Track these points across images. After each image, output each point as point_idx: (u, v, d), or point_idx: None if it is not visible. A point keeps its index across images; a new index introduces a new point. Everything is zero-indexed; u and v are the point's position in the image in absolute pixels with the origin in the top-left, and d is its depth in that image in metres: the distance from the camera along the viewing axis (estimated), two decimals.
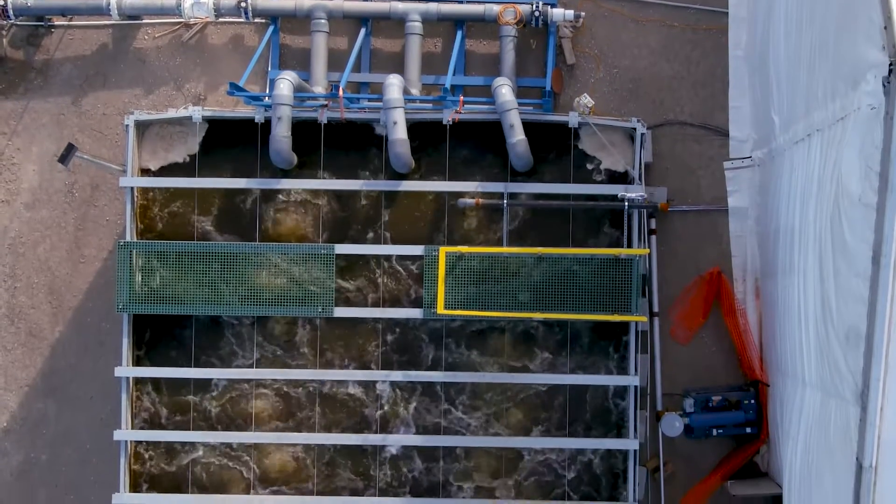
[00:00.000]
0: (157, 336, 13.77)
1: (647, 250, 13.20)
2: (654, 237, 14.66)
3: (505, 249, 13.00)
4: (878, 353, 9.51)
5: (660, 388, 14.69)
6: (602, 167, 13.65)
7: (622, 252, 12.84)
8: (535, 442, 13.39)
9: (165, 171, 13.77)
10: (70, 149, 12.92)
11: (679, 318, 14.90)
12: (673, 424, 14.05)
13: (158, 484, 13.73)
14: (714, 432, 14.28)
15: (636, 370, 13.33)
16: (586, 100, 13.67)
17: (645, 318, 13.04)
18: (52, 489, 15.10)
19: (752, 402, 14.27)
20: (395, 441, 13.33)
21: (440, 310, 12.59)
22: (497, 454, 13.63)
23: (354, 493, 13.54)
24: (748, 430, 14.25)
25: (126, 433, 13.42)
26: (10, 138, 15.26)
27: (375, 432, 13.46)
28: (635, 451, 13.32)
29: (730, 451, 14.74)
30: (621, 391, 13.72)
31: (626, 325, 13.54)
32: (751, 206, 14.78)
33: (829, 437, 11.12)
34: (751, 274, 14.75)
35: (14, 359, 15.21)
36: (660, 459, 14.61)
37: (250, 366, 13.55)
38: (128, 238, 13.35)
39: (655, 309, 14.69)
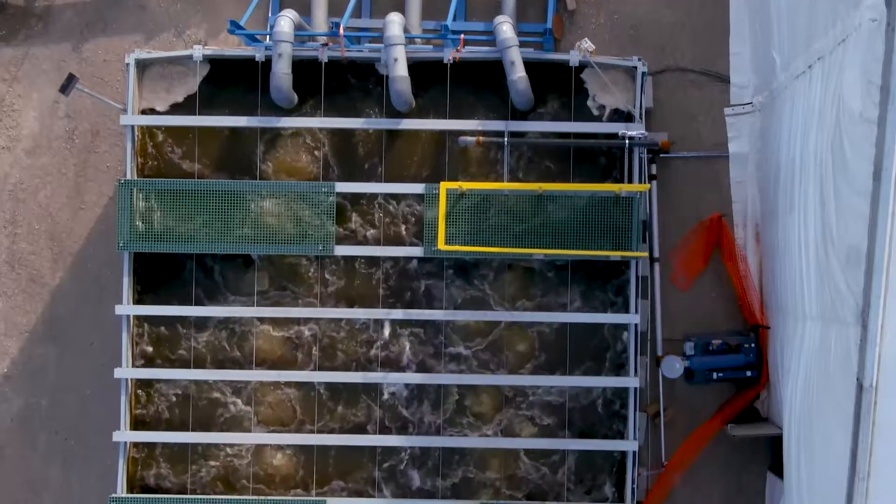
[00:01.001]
0: (158, 278, 13.75)
1: (647, 186, 13.18)
2: (654, 183, 14.69)
3: (505, 185, 12.98)
4: (878, 270, 9.52)
5: (660, 334, 14.69)
6: (602, 106, 13.64)
7: (622, 188, 12.82)
8: (535, 380, 13.39)
9: (166, 112, 13.75)
10: (71, 79, 12.93)
11: (679, 264, 14.89)
12: (673, 366, 14.06)
13: (158, 424, 13.70)
14: (714, 376, 14.29)
15: (636, 309, 13.31)
16: (587, 44, 13.64)
17: (645, 254, 13.03)
18: (52, 435, 15.10)
19: (753, 345, 14.27)
20: (395, 379, 13.33)
21: (441, 245, 12.58)
22: (495, 392, 13.62)
23: (353, 431, 13.53)
24: (748, 373, 14.25)
25: (126, 371, 13.41)
26: (10, 85, 15.25)
27: (375, 371, 13.48)
28: (636, 388, 13.31)
29: (730, 397, 14.75)
30: (622, 333, 13.68)
31: (626, 267, 13.52)
32: (751, 152, 14.79)
33: (829, 366, 11.14)
34: (751, 219, 14.77)
35: (14, 305, 15.21)
36: (660, 405, 14.62)
37: (250, 305, 13.54)
38: (128, 176, 13.32)
39: (656, 255, 14.70)
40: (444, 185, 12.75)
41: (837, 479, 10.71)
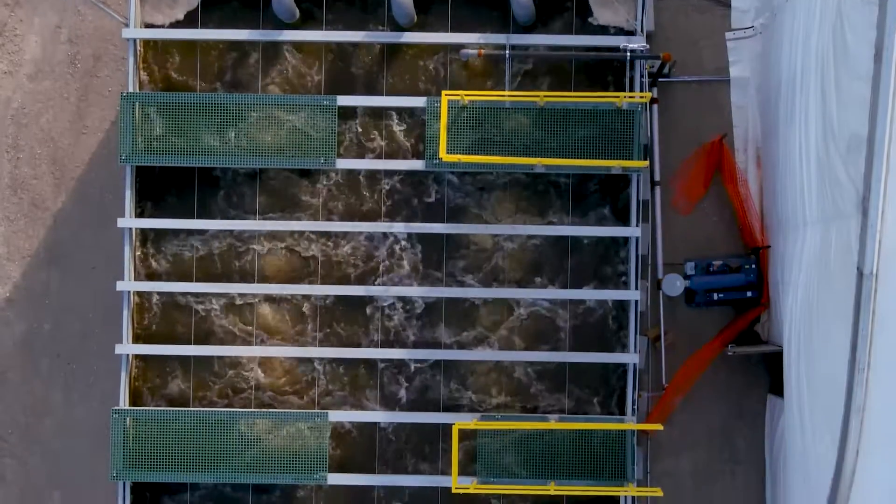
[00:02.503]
0: (160, 194, 13.77)
1: (649, 95, 13.19)
2: (655, 107, 14.71)
3: (506, 95, 13.00)
4: (879, 153, 9.54)
5: (661, 258, 14.71)
6: (604, 27, 13.65)
7: (623, 98, 12.83)
8: (535, 293, 13.41)
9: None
10: None
11: (680, 188, 14.93)
12: (674, 284, 14.10)
13: (159, 339, 13.72)
14: (715, 296, 14.33)
15: (638, 222, 13.33)
16: None
17: (646, 163, 13.03)
18: (54, 359, 15.14)
19: (753, 266, 14.31)
20: (396, 292, 13.36)
21: (442, 153, 12.59)
22: (495, 307, 13.64)
23: (354, 345, 13.58)
24: (749, 293, 14.28)
25: (128, 284, 13.43)
26: (12, 9, 15.27)
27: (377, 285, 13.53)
28: (636, 301, 13.32)
29: (730, 321, 14.78)
30: (623, 251, 13.69)
31: (627, 184, 13.54)
32: (752, 76, 14.84)
33: (830, 265, 11.17)
34: (752, 143, 14.81)
35: (17, 229, 15.24)
36: (660, 329, 14.65)
37: (252, 219, 13.59)
38: (130, 90, 13.35)
39: (657, 178, 14.74)
40: (446, 95, 12.76)
41: (837, 378, 10.75)
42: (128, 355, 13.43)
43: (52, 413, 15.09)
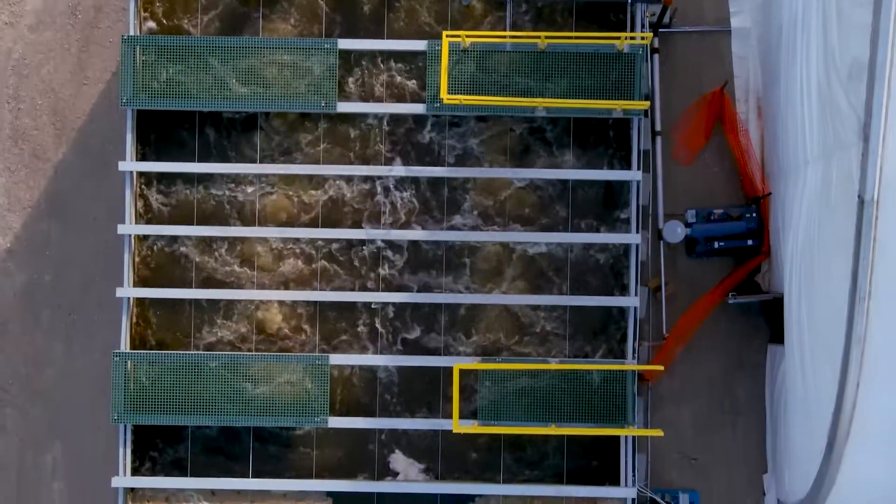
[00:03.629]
0: (162, 140, 13.75)
1: (650, 35, 13.18)
2: (656, 57, 14.73)
3: (508, 37, 13.00)
4: (880, 77, 9.58)
5: (661, 208, 14.73)
6: None
7: (624, 39, 12.82)
8: (536, 237, 13.41)
9: None
10: None
11: (681, 139, 14.94)
12: (675, 231, 14.11)
13: (160, 283, 13.73)
14: (715, 245, 14.36)
15: (639, 165, 13.33)
16: None
17: (647, 104, 13.01)
18: (55, 310, 15.15)
19: (754, 215, 14.35)
20: (398, 236, 13.36)
21: (443, 94, 12.58)
22: (496, 251, 13.64)
23: (355, 289, 13.61)
24: (750, 242, 14.32)
25: (130, 227, 13.42)
26: None
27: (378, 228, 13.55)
28: (636, 245, 13.32)
29: (731, 271, 14.78)
30: (624, 197, 13.69)
31: (628, 130, 13.55)
32: (753, 27, 14.87)
33: (831, 199, 11.19)
34: (753, 93, 14.83)
35: (18, 180, 15.25)
36: (661, 279, 14.66)
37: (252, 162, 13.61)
38: (131, 32, 13.34)
39: (657, 128, 14.75)
40: (446, 36, 12.75)
41: (838, 312, 10.76)
42: (128, 299, 13.42)
43: (53, 363, 15.10)
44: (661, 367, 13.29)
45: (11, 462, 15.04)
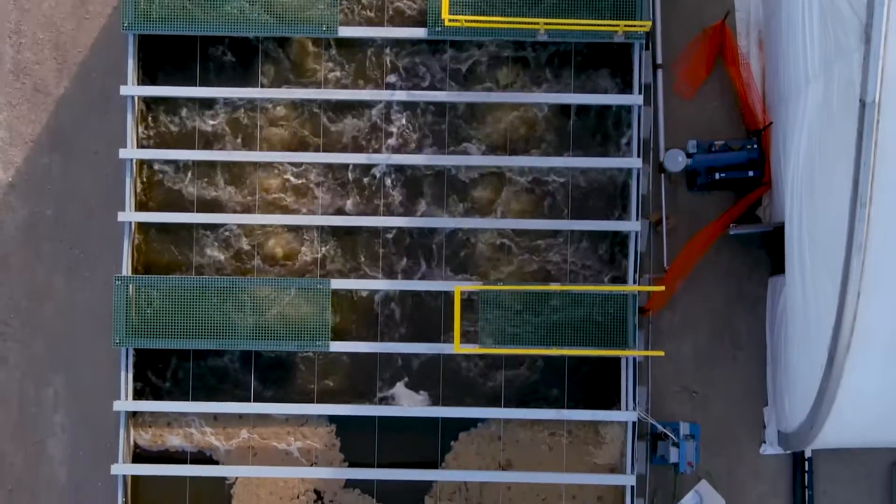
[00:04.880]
0: (162, 66, 13.77)
1: None
2: None
3: None
4: None
5: (662, 142, 14.71)
6: None
7: None
8: (538, 161, 13.42)
9: None
10: None
11: (682, 73, 14.92)
12: (676, 159, 14.11)
13: (163, 202, 13.73)
14: (717, 176, 14.35)
15: (640, 90, 13.34)
16: None
17: (649, 23, 13.01)
18: (56, 243, 15.14)
19: (755, 146, 14.34)
20: (398, 161, 13.38)
21: (444, 15, 12.58)
22: (498, 177, 13.66)
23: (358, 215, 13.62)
24: (750, 173, 14.31)
25: (131, 151, 13.45)
26: None
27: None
28: (638, 170, 13.34)
29: (732, 204, 14.78)
30: (624, 125, 13.70)
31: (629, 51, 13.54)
32: None
33: (833, 109, 11.21)
34: (754, 26, 14.83)
35: (19, 114, 15.24)
36: (662, 212, 14.65)
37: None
38: None
39: (659, 62, 14.73)
40: None
41: (838, 226, 10.79)
42: (130, 223, 13.43)
43: (54, 297, 15.09)
44: (663, 288, 13.28)
45: (13, 395, 15.05)
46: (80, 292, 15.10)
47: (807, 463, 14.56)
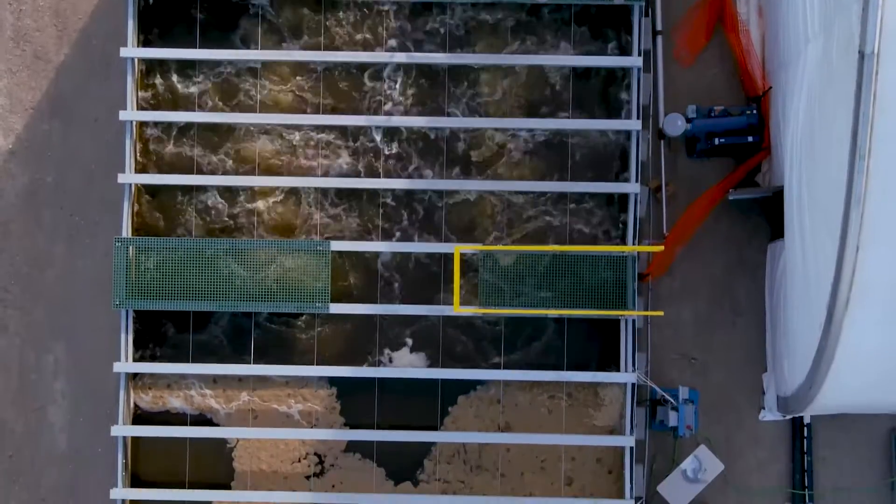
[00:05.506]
0: (163, 28, 13.78)
1: None
2: None
3: None
4: None
5: (662, 108, 14.73)
6: None
7: None
8: (537, 123, 13.44)
9: None
10: None
11: (682, 39, 14.93)
12: (675, 123, 14.11)
13: (163, 166, 13.73)
14: (716, 141, 14.37)
15: (639, 52, 13.37)
16: None
17: None
18: (57, 210, 15.16)
19: (754, 112, 14.36)
20: (398, 123, 13.40)
21: None
22: (495, 139, 13.68)
23: (354, 175, 13.63)
24: (750, 138, 14.33)
25: (132, 113, 13.47)
26: None
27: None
28: (637, 132, 13.37)
29: (731, 170, 14.81)
30: (624, 89, 13.72)
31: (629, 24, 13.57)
32: None
33: (832, 64, 11.22)
34: None
35: (19, 81, 15.25)
36: (662, 178, 14.67)
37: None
38: None
39: (659, 28, 14.75)
40: None
41: (838, 181, 10.80)
42: (130, 185, 13.46)
43: (55, 264, 15.11)
44: (662, 247, 13.29)
45: (13, 362, 15.08)
46: (80, 259, 15.11)
47: (806, 429, 14.60)
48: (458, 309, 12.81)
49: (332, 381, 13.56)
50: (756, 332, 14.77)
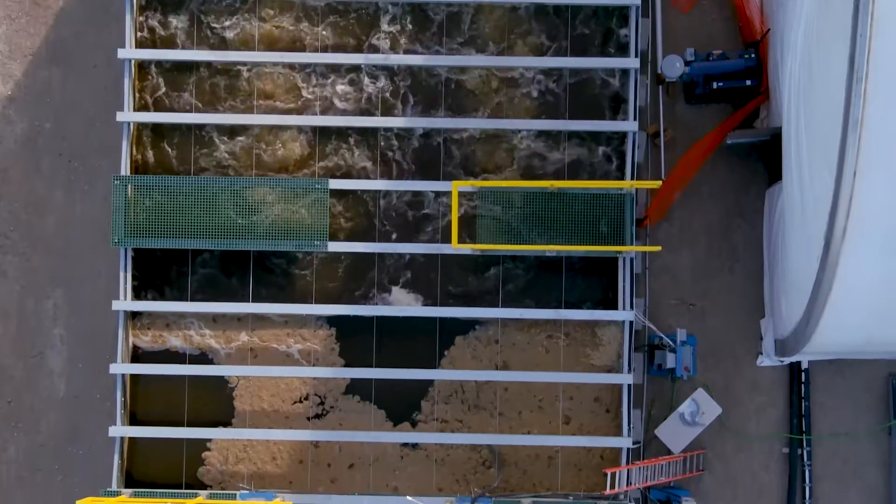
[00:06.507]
0: None
1: None
2: None
3: None
4: None
5: (661, 53, 14.73)
6: None
7: None
8: (535, 61, 13.51)
9: None
10: None
11: None
12: (674, 65, 14.12)
13: (163, 107, 13.76)
14: (714, 85, 14.37)
15: None
16: None
17: None
18: (55, 157, 15.18)
19: (753, 56, 14.36)
20: (396, 60, 13.40)
21: None
22: (494, 76, 13.69)
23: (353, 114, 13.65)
24: (748, 82, 14.33)
25: (131, 52, 13.47)
26: None
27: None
28: (636, 69, 13.36)
29: (729, 115, 14.82)
30: (623, 28, 13.73)
31: None
32: None
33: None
34: None
35: (19, 27, 15.25)
36: (660, 124, 14.67)
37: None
38: None
39: None
40: None
41: (835, 107, 10.80)
42: (129, 124, 13.47)
43: (54, 210, 15.12)
44: (658, 183, 13.31)
45: (12, 308, 15.10)
46: (79, 205, 15.12)
47: (804, 375, 14.62)
48: (455, 245, 12.82)
49: (332, 321, 13.57)
50: (754, 278, 14.79)
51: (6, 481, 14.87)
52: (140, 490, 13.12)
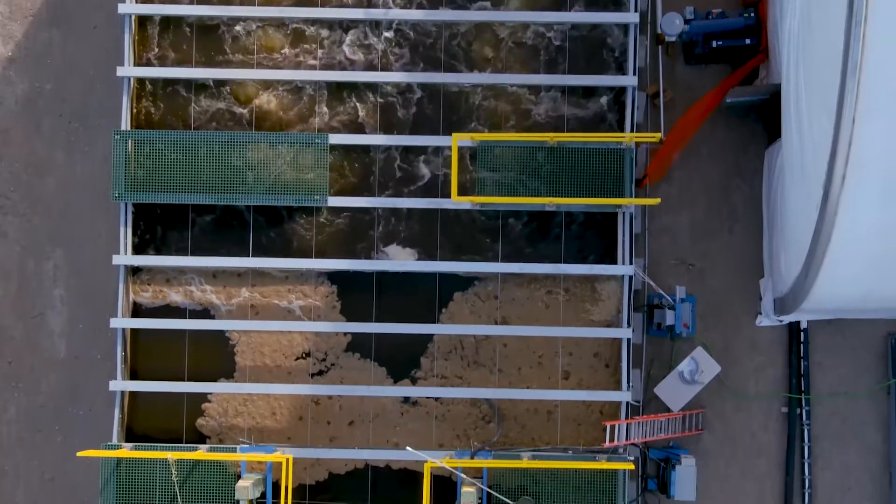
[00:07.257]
0: None
1: None
2: None
3: None
4: None
5: (660, 13, 14.74)
6: None
7: None
8: (540, 16, 13.50)
9: None
10: None
11: None
12: (673, 22, 14.13)
13: (165, 62, 13.78)
14: (714, 44, 14.39)
15: None
16: None
17: None
18: (56, 118, 15.19)
19: (752, 14, 14.38)
20: (396, 15, 13.44)
21: None
22: (492, 32, 13.71)
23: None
24: (748, 41, 14.35)
25: (130, 7, 13.51)
26: None
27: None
28: (635, 24, 13.40)
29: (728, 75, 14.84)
30: None
31: None
32: None
33: None
34: None
35: None
36: (660, 85, 14.69)
37: None
38: None
39: None
40: None
41: (834, 53, 10.81)
42: (129, 78, 13.48)
43: (54, 171, 15.14)
44: (657, 137, 13.33)
45: (13, 268, 15.12)
46: (79, 166, 15.14)
47: (802, 335, 14.64)
48: (455, 198, 12.84)
49: (332, 278, 13.59)
50: (753, 238, 14.81)
51: (6, 441, 14.89)
52: (140, 444, 13.14)
